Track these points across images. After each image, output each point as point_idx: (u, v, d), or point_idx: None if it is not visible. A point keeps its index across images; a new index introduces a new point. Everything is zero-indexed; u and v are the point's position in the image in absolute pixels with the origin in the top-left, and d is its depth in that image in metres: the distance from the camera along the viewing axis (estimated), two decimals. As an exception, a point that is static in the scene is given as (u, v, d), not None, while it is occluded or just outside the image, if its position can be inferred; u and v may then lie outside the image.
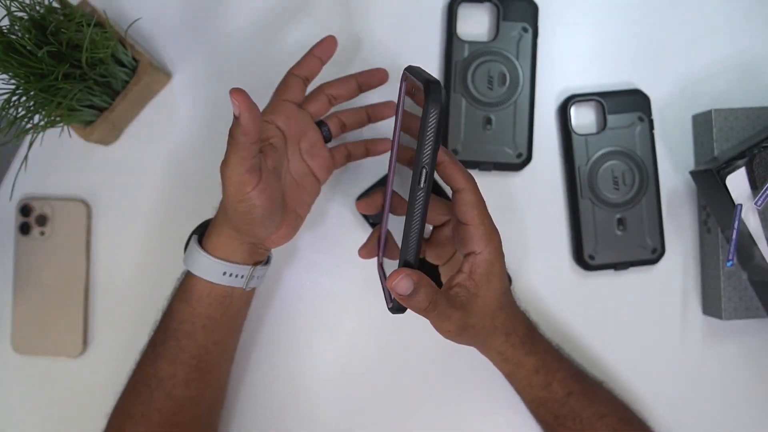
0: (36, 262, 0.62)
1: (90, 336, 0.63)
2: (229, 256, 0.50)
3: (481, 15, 0.62)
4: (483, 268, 0.44)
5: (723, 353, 0.62)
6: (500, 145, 0.61)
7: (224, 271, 0.50)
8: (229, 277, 0.50)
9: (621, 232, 0.60)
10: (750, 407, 0.62)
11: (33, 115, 0.52)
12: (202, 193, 0.63)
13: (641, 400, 0.61)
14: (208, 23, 0.63)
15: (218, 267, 0.50)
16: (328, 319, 0.62)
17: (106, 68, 0.54)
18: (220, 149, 0.63)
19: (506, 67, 0.61)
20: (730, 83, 0.62)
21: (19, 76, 0.50)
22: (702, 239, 0.62)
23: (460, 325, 0.44)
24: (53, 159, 0.63)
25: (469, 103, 0.61)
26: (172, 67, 0.63)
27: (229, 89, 0.42)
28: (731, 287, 0.58)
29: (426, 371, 0.62)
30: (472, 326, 0.45)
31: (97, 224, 0.63)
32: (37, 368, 0.63)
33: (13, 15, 0.50)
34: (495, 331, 0.48)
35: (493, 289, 0.45)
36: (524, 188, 0.62)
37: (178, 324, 0.52)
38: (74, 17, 0.51)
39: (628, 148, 0.60)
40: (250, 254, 0.51)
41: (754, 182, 0.54)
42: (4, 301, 0.63)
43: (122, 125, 0.62)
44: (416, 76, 0.41)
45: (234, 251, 0.50)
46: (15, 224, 0.62)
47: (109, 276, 0.63)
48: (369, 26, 0.63)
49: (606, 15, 0.63)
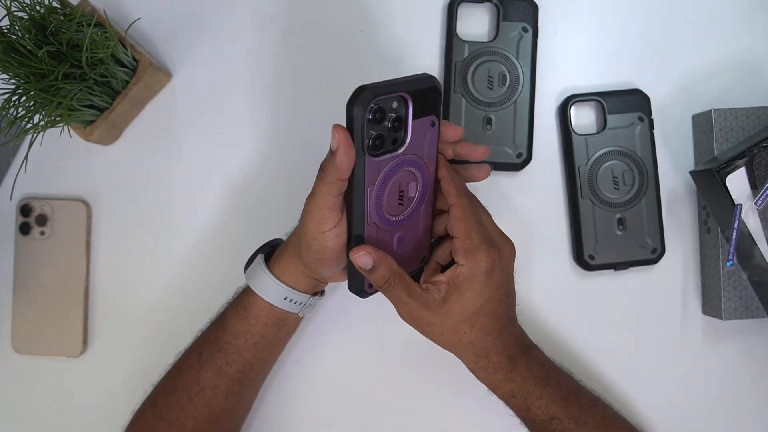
0: (36, 262, 0.62)
1: (90, 336, 0.63)
2: (293, 282, 0.51)
3: (481, 15, 0.62)
4: (460, 279, 0.46)
5: (723, 353, 0.62)
6: (500, 145, 0.61)
7: (285, 296, 0.51)
8: (289, 303, 0.52)
9: (621, 232, 0.60)
10: (750, 407, 0.62)
11: (33, 114, 0.52)
12: (202, 193, 0.63)
13: (641, 400, 0.61)
14: (208, 23, 0.63)
15: (282, 291, 0.51)
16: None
17: (106, 68, 0.54)
18: (220, 149, 0.63)
19: (506, 67, 0.61)
20: (730, 83, 0.62)
21: (19, 76, 0.51)
22: (702, 239, 0.62)
23: (414, 316, 0.47)
24: (53, 159, 0.63)
25: (469, 103, 0.61)
26: (172, 67, 0.63)
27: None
28: (731, 287, 0.58)
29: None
30: (429, 324, 0.47)
31: (97, 224, 0.63)
32: (37, 368, 0.63)
33: (13, 15, 0.50)
34: (461, 346, 0.49)
35: (463, 302, 0.46)
36: (524, 188, 0.62)
37: (231, 338, 0.52)
38: (74, 17, 0.51)
39: (628, 148, 0.60)
40: (312, 286, 0.52)
41: (754, 182, 0.54)
42: (4, 301, 0.63)
43: (122, 125, 0.62)
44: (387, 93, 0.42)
45: (298, 280, 0.51)
46: (15, 224, 0.62)
47: (109, 276, 0.63)
48: (369, 26, 0.63)
49: (606, 15, 0.63)
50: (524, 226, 0.62)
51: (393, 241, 0.47)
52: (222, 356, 0.53)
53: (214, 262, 0.62)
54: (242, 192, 0.63)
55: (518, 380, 0.51)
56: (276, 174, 0.62)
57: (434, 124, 0.45)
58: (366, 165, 0.43)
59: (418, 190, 0.47)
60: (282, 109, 0.63)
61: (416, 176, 0.46)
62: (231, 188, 0.63)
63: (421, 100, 0.44)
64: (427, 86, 0.44)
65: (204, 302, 0.62)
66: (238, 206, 0.63)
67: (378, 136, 0.43)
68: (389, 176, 0.44)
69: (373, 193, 0.44)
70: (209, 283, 0.62)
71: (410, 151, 0.45)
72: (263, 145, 0.63)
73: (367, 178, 0.43)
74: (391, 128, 0.43)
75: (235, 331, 0.52)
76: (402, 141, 0.44)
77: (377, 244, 0.46)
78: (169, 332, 0.62)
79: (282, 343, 0.56)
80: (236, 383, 0.53)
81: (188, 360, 0.55)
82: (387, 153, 0.44)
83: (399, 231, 0.47)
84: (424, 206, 0.48)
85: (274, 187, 0.62)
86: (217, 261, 0.62)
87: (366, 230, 0.45)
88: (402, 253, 0.48)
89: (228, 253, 0.62)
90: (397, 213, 0.47)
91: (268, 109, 0.63)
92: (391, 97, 0.42)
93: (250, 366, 0.53)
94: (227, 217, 0.63)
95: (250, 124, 0.63)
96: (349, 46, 0.63)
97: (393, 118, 0.43)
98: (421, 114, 0.44)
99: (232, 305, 0.54)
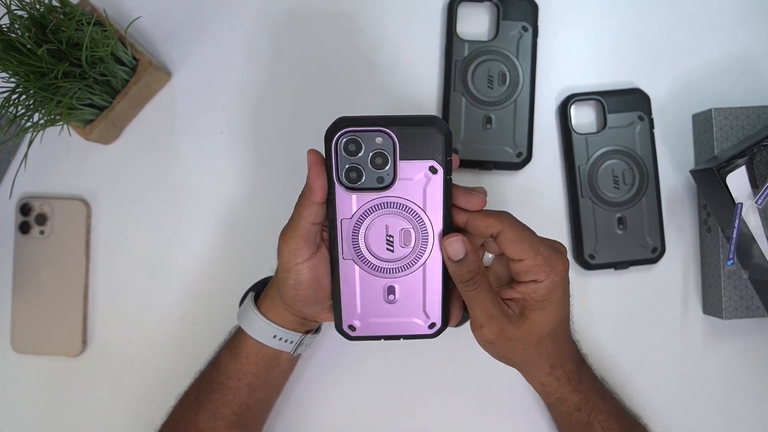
0: (36, 261, 0.62)
1: (89, 336, 0.63)
2: (281, 321, 0.50)
3: (481, 14, 0.62)
4: (540, 294, 0.44)
5: (723, 353, 0.62)
6: (500, 145, 0.60)
7: (275, 335, 0.50)
8: (279, 341, 0.50)
9: (621, 231, 0.60)
10: (750, 407, 0.61)
11: (33, 113, 0.52)
12: (203, 193, 0.63)
13: (642, 400, 0.61)
14: (208, 23, 0.63)
15: (270, 330, 0.50)
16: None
17: (106, 67, 0.54)
18: (220, 149, 0.63)
19: (506, 66, 0.61)
20: (730, 82, 0.62)
21: (18, 74, 0.51)
22: (702, 238, 0.62)
23: (497, 331, 0.44)
24: (53, 158, 0.63)
25: (469, 103, 0.61)
26: (172, 66, 0.63)
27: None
28: (731, 286, 0.58)
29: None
30: (511, 340, 0.44)
31: (96, 223, 0.63)
32: (36, 368, 0.63)
33: (13, 13, 0.50)
34: (539, 359, 0.47)
35: (547, 315, 0.44)
36: (524, 188, 0.62)
37: (224, 378, 0.52)
38: (74, 16, 0.51)
39: (628, 147, 0.60)
40: (301, 324, 0.50)
41: (754, 181, 0.54)
42: (3, 300, 0.63)
43: (122, 124, 0.62)
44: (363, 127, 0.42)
45: (285, 319, 0.50)
46: (15, 223, 0.62)
47: (108, 275, 0.63)
48: (369, 26, 0.63)
49: (606, 15, 0.63)
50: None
51: (381, 289, 0.45)
52: (217, 397, 0.52)
53: (214, 261, 0.62)
54: (243, 192, 0.63)
55: (585, 390, 0.50)
56: (277, 174, 0.62)
57: (435, 171, 0.43)
58: (337, 195, 0.43)
59: (415, 241, 0.44)
60: (282, 108, 0.63)
61: (412, 223, 0.44)
62: (231, 188, 0.63)
63: (413, 141, 0.42)
64: (422, 127, 0.42)
65: (204, 302, 0.62)
66: (239, 206, 0.63)
67: (353, 168, 0.42)
68: (369, 214, 0.43)
69: (349, 228, 0.43)
70: (209, 282, 0.62)
71: (401, 195, 0.43)
72: (263, 146, 0.63)
73: (339, 209, 0.43)
74: (372, 164, 0.42)
75: (228, 371, 0.51)
76: (390, 181, 0.43)
77: (356, 282, 0.45)
78: (168, 332, 0.62)
79: (277, 383, 0.55)
80: (233, 425, 0.52)
81: (186, 401, 0.54)
82: (369, 190, 0.43)
83: (389, 280, 0.45)
84: (429, 262, 0.45)
85: (274, 188, 0.62)
86: (217, 260, 0.62)
87: (341, 264, 0.44)
88: (394, 306, 0.45)
89: (228, 251, 0.62)
90: (384, 258, 0.45)
91: (268, 109, 0.63)
92: (370, 131, 0.42)
93: (246, 407, 0.52)
94: (227, 216, 0.63)
95: (250, 123, 0.63)
96: (349, 45, 0.63)
97: (373, 154, 0.42)
98: (414, 157, 0.42)
99: (225, 344, 0.53)
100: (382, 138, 0.42)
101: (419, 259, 0.45)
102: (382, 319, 0.46)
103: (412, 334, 0.46)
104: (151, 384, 0.61)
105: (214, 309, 0.58)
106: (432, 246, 0.44)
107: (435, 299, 0.45)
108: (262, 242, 0.55)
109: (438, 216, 0.44)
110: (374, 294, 0.45)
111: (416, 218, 0.44)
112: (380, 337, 0.46)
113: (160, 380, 0.61)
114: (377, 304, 0.45)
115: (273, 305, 0.50)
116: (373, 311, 0.45)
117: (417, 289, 0.45)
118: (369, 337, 0.46)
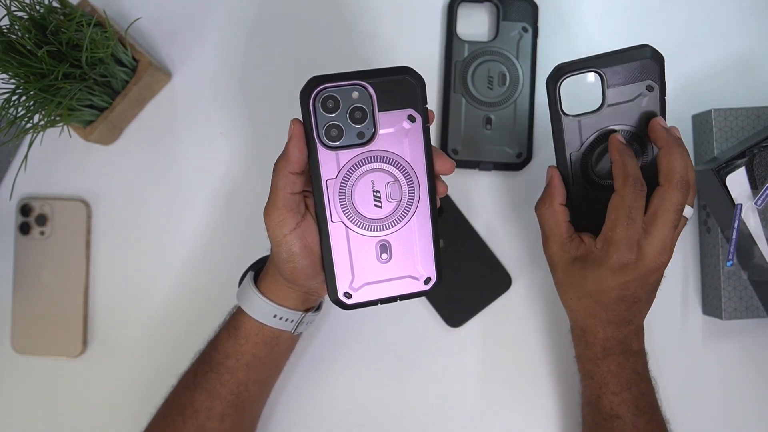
0: (36, 261, 0.62)
1: (89, 336, 0.63)
2: (281, 300, 0.49)
3: (481, 15, 0.62)
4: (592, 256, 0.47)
5: (722, 353, 0.62)
6: (500, 145, 0.61)
7: (275, 314, 0.49)
8: (279, 320, 0.49)
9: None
10: (750, 407, 0.62)
11: (33, 114, 0.52)
12: (203, 192, 0.63)
13: (641, 400, 0.61)
14: (208, 23, 0.63)
15: (270, 309, 0.49)
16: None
17: (106, 68, 0.54)
18: (219, 149, 0.63)
19: (506, 66, 0.61)
20: (730, 83, 0.62)
21: (19, 75, 0.51)
22: (702, 239, 0.62)
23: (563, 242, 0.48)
24: (53, 159, 0.63)
25: (469, 103, 0.61)
26: (172, 66, 0.63)
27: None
28: (731, 287, 0.58)
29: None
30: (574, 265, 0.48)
31: (96, 224, 0.63)
32: (36, 368, 0.63)
33: (13, 15, 0.50)
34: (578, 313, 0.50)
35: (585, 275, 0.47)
36: (524, 188, 0.62)
37: (222, 358, 0.51)
38: (74, 17, 0.51)
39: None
40: (302, 301, 0.50)
41: (754, 182, 0.54)
42: (3, 300, 0.63)
43: (122, 125, 0.62)
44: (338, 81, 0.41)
45: (286, 296, 0.49)
46: (15, 224, 0.62)
47: (108, 276, 0.63)
48: (369, 26, 0.63)
49: (606, 15, 0.63)
50: (524, 225, 0.62)
51: (373, 248, 0.44)
52: (215, 377, 0.51)
53: (215, 261, 0.62)
54: (243, 192, 0.63)
55: (603, 369, 0.51)
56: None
57: (414, 119, 0.42)
58: (320, 155, 0.42)
59: (402, 194, 0.44)
60: (282, 108, 0.63)
61: (397, 177, 0.43)
62: (231, 188, 0.63)
63: (389, 92, 0.42)
64: (396, 77, 0.42)
65: (204, 302, 0.62)
66: (239, 206, 0.63)
67: (333, 126, 0.42)
68: (354, 171, 0.43)
69: (335, 188, 0.43)
70: (209, 282, 0.62)
71: (383, 147, 0.43)
72: (264, 146, 0.63)
73: (323, 169, 0.42)
74: (351, 119, 0.42)
75: (227, 351, 0.51)
76: (370, 135, 0.42)
77: (348, 246, 0.44)
78: (168, 332, 0.62)
79: (277, 362, 0.54)
80: (231, 405, 0.52)
81: (184, 381, 0.54)
82: (351, 147, 0.42)
83: (381, 237, 0.44)
84: (417, 215, 0.44)
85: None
86: (217, 260, 0.62)
87: (331, 229, 0.43)
88: (388, 265, 0.45)
89: (228, 252, 0.62)
90: (374, 215, 0.44)
91: (268, 109, 0.63)
92: (345, 85, 0.41)
93: (244, 387, 0.52)
94: (227, 216, 0.63)
95: (249, 123, 0.63)
96: (349, 45, 0.63)
97: (351, 108, 0.42)
98: (392, 107, 0.42)
99: (225, 324, 0.53)
100: (359, 92, 0.42)
101: (408, 211, 0.44)
102: (377, 281, 0.45)
103: (408, 293, 0.45)
104: (151, 384, 0.61)
105: (214, 310, 0.58)
106: (419, 197, 0.44)
107: (427, 251, 0.45)
108: (265, 245, 0.55)
109: (421, 165, 0.43)
110: (367, 255, 0.44)
111: (401, 169, 0.43)
112: (377, 301, 0.45)
113: (160, 381, 0.61)
114: (371, 265, 0.45)
115: (272, 284, 0.49)
116: (367, 274, 0.45)
117: (409, 243, 0.45)
118: (365, 303, 0.45)
